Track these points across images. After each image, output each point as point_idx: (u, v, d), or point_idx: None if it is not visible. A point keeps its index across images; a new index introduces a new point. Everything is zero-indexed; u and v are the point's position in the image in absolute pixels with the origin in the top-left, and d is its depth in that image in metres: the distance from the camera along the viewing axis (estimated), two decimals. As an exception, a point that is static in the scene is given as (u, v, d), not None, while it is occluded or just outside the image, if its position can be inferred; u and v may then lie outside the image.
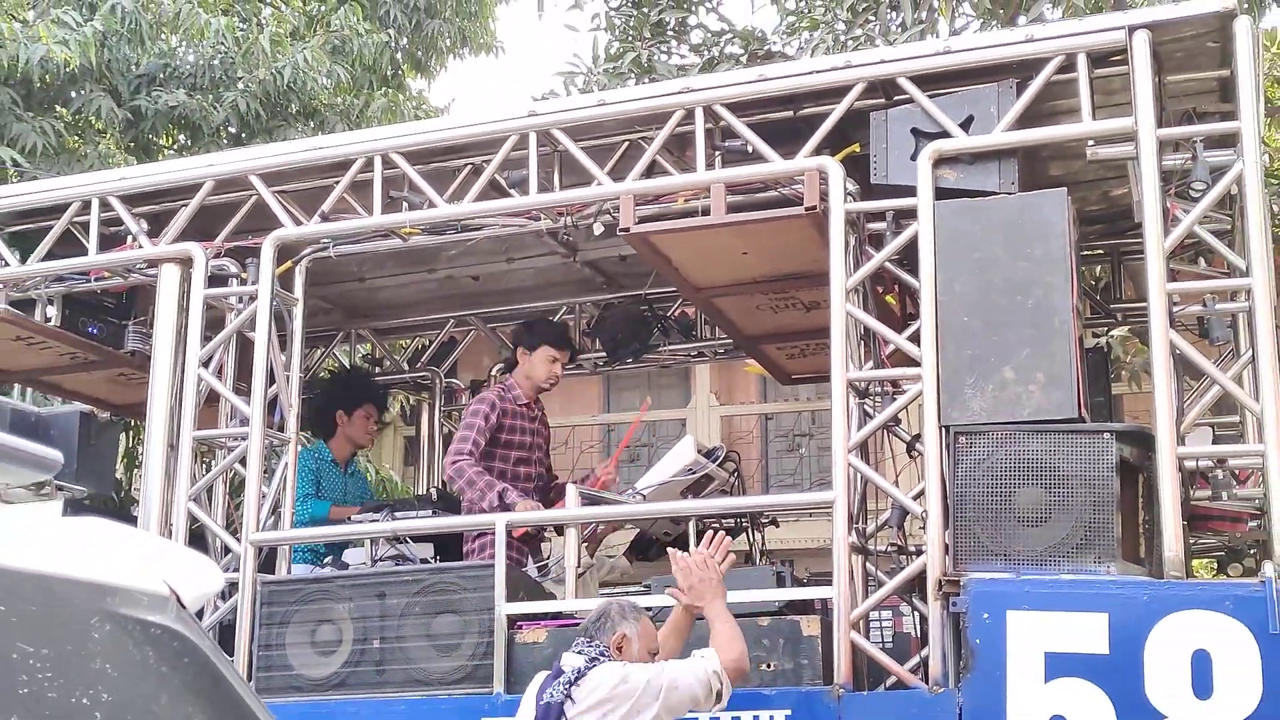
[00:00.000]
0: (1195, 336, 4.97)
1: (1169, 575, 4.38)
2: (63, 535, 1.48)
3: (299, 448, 6.29)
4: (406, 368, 8.27)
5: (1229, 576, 5.46)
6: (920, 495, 4.75)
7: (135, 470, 8.13)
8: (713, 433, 12.81)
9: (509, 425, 6.06)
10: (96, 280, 6.27)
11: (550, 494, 6.26)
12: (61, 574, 1.37)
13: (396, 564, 5.53)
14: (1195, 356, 4.72)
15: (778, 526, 6.38)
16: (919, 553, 4.82)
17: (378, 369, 8.35)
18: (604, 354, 7.67)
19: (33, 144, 10.15)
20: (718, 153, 5.35)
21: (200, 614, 5.54)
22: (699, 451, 5.83)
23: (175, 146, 11.64)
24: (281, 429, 5.81)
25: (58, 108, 10.97)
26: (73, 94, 10.94)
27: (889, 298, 5.47)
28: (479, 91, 32.32)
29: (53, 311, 6.38)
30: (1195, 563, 5.87)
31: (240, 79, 11.17)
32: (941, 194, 4.87)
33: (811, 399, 12.54)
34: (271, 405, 5.77)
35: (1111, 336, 8.26)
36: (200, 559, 1.65)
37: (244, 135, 11.24)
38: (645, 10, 9.61)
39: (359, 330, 8.09)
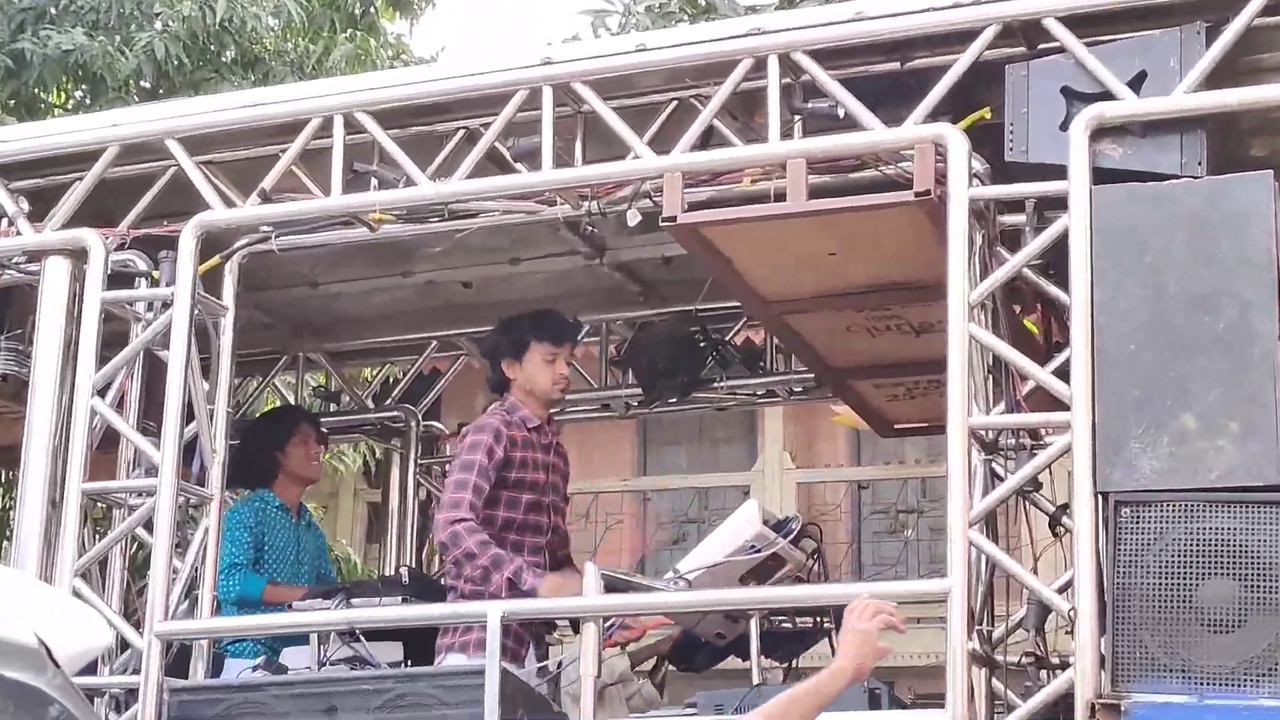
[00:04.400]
0: None
1: None
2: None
3: (235, 500, 6.29)
4: (371, 405, 8.31)
5: None
6: (1068, 587, 4.73)
7: (6, 536, 8.17)
8: (786, 502, 12.80)
9: (519, 460, 6.01)
10: (-46, 279, 6.33)
11: (560, 554, 6.28)
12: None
13: (352, 668, 5.55)
14: None
15: (872, 632, 6.37)
16: (1064, 666, 4.81)
17: (333, 406, 8.37)
18: (639, 390, 7.68)
19: None
20: (797, 117, 5.38)
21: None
22: (765, 523, 5.79)
23: (69, 103, 11.75)
24: (201, 483, 5.83)
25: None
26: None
27: (1027, 321, 5.47)
28: (478, 35, 32.62)
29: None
30: None
31: (159, 14, 11.29)
32: (1102, 176, 4.87)
33: (921, 461, 12.51)
34: (189, 451, 5.79)
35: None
36: (84, 611, 1.67)
37: (161, 89, 11.36)
38: (703, -70, 9.68)
39: (308, 353, 8.16)
